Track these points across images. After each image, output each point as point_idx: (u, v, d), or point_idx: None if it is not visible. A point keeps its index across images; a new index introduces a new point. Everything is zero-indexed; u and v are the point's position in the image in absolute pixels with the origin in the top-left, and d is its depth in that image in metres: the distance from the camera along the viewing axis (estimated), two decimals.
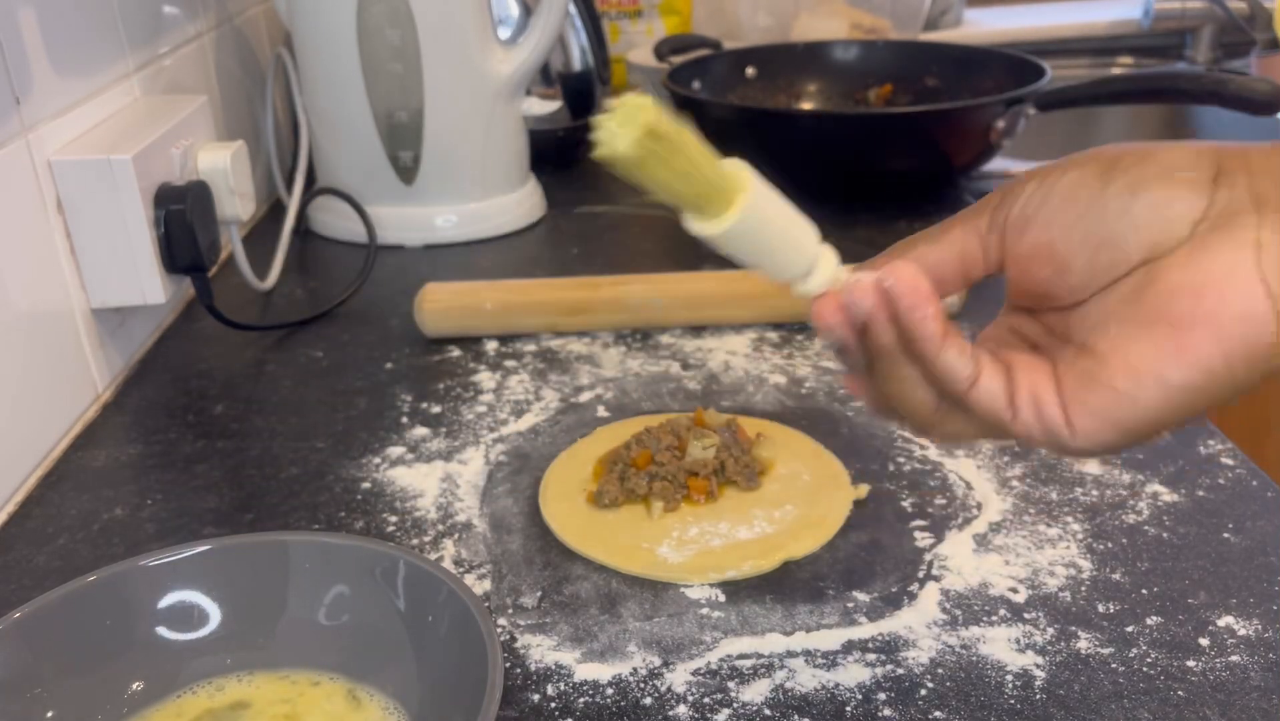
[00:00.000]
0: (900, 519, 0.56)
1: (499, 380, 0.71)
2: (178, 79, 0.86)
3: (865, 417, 0.65)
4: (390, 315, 0.82)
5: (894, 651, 0.47)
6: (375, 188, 0.94)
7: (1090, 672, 0.45)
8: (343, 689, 0.44)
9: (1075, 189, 0.37)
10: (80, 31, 0.70)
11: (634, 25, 1.50)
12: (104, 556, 0.55)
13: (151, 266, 0.69)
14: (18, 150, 0.62)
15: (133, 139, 0.68)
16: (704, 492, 0.57)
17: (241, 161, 0.79)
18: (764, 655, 0.47)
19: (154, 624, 0.44)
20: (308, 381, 0.72)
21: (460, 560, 0.54)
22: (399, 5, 0.88)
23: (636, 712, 0.44)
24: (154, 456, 0.64)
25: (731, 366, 0.72)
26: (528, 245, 0.96)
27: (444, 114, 0.92)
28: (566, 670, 0.46)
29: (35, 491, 0.61)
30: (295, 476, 0.61)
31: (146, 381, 0.73)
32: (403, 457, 0.63)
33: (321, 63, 0.93)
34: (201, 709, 0.43)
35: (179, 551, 0.45)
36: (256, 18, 1.08)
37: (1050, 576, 0.51)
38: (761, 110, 1.11)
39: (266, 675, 0.45)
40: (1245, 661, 0.45)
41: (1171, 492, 0.56)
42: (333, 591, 0.45)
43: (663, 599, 0.50)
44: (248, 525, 0.57)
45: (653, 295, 0.76)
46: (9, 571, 0.54)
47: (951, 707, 0.43)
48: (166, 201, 0.70)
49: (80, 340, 0.68)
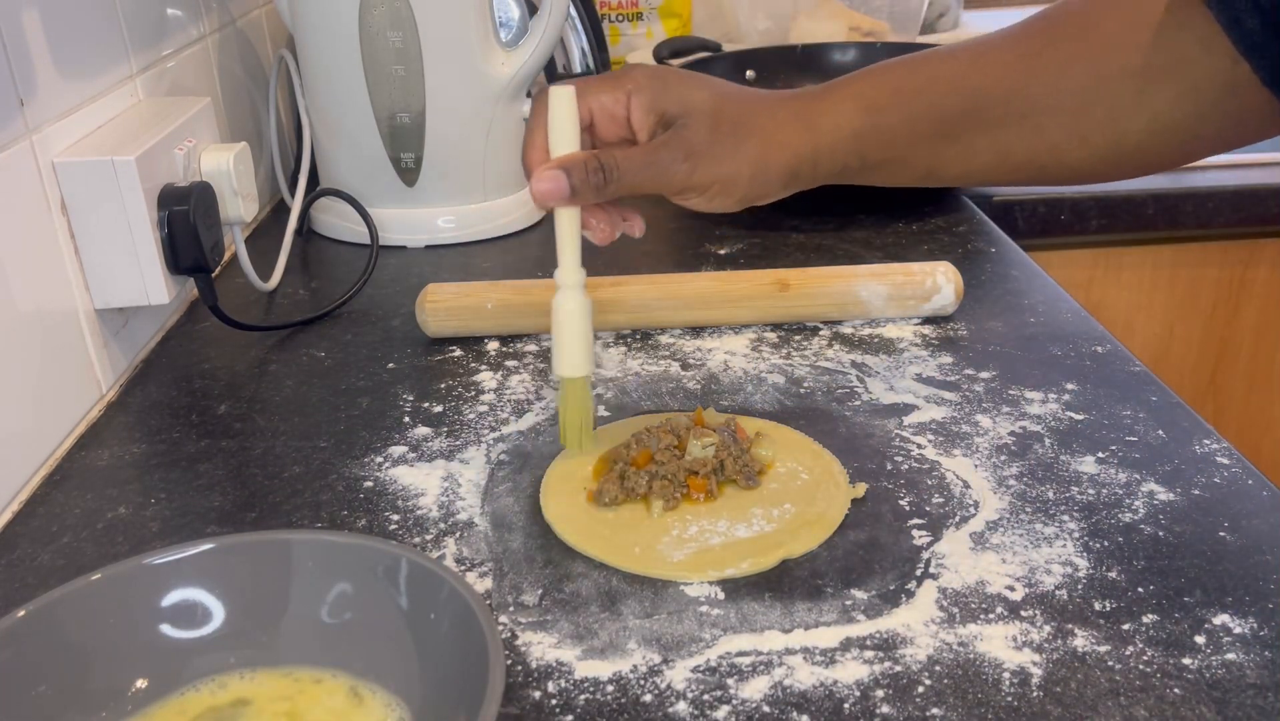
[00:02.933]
0: (898, 517, 0.56)
1: (500, 380, 0.72)
2: (181, 81, 0.86)
3: (864, 417, 0.65)
4: (392, 315, 0.82)
5: (892, 649, 0.47)
6: (377, 189, 0.95)
7: (1087, 670, 0.45)
8: (345, 686, 0.44)
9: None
10: (84, 34, 0.71)
11: (634, 28, 1.50)
12: (108, 555, 0.55)
13: (155, 267, 0.69)
14: (22, 152, 0.62)
15: (136, 140, 0.69)
16: (703, 491, 0.57)
17: (244, 163, 0.79)
18: (763, 652, 0.47)
19: (157, 622, 0.45)
20: (310, 381, 0.73)
21: (462, 558, 0.54)
22: (401, 8, 0.88)
23: (636, 709, 0.44)
24: (158, 456, 0.64)
25: (731, 366, 0.72)
26: (529, 246, 0.97)
27: (445, 116, 0.93)
28: (567, 667, 0.47)
29: (39, 490, 0.61)
30: (298, 475, 0.62)
31: (150, 381, 0.74)
32: (405, 457, 0.63)
33: (324, 65, 0.93)
34: (204, 706, 0.44)
35: (182, 550, 0.46)
36: (259, 20, 1.08)
37: (1047, 574, 0.51)
38: None
39: (269, 672, 0.45)
40: (1241, 659, 0.45)
41: (1167, 491, 0.57)
42: (335, 589, 0.46)
43: (662, 597, 0.51)
44: (251, 524, 0.57)
45: (653, 295, 0.76)
46: (13, 570, 0.54)
47: (949, 705, 0.44)
48: (170, 202, 0.70)
49: (84, 340, 0.68)
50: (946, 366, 0.71)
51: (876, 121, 0.62)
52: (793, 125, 0.62)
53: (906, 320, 0.77)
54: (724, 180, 0.60)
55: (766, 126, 0.61)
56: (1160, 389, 0.67)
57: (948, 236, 0.92)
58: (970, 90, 0.62)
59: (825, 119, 0.62)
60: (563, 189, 0.56)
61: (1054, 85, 0.61)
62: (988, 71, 0.62)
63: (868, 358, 0.73)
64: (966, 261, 0.85)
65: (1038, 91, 0.61)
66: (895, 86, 0.63)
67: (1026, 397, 0.66)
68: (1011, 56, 0.62)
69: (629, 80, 0.60)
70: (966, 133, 0.62)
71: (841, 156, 0.62)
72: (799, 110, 0.62)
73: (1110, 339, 0.73)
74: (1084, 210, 1.08)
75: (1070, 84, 0.61)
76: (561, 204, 0.57)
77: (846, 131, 0.62)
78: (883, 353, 0.73)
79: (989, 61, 0.63)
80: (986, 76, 0.62)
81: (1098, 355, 0.71)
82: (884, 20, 1.47)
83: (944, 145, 0.63)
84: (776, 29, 1.51)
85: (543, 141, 0.58)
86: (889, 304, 0.76)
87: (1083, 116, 0.61)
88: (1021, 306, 0.79)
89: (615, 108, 0.60)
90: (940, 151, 0.63)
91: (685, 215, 1.02)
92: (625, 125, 0.60)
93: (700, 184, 0.60)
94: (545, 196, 0.57)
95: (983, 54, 0.63)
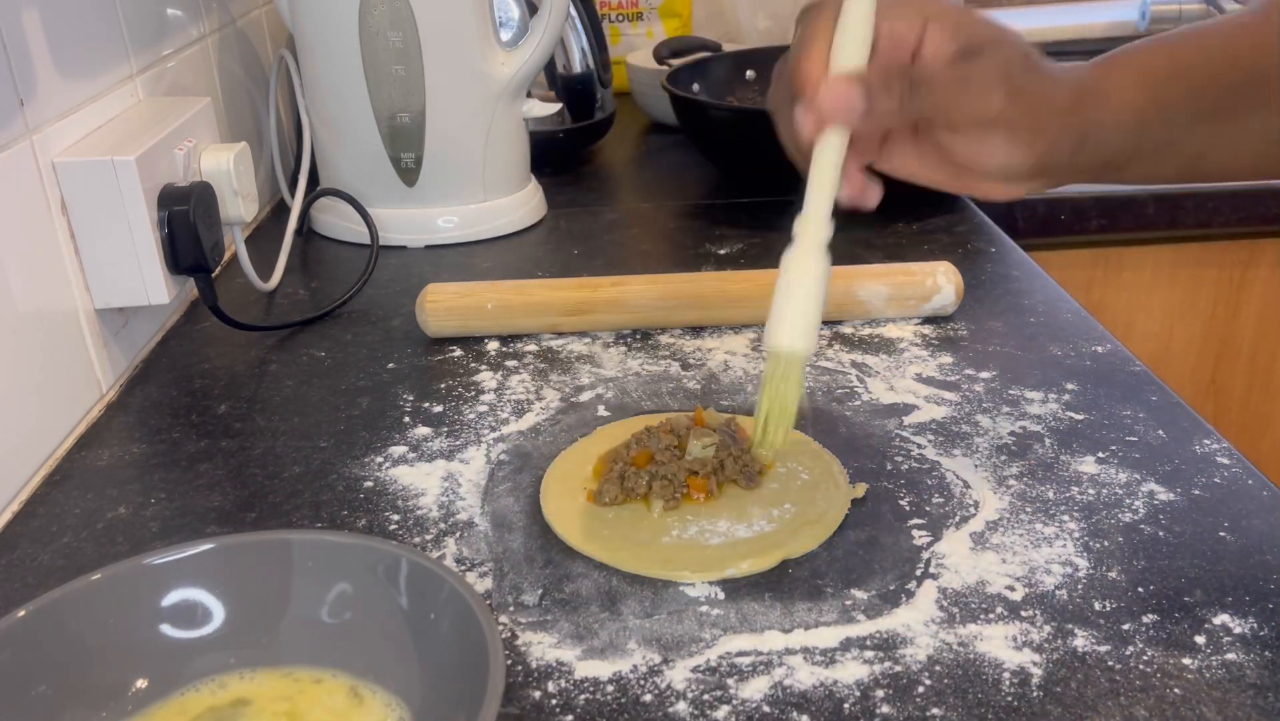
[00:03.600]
0: (898, 517, 0.56)
1: (500, 380, 0.72)
2: (181, 81, 0.86)
3: (864, 417, 0.65)
4: (392, 315, 0.82)
5: (892, 649, 0.47)
6: (377, 189, 0.95)
7: (1087, 670, 0.45)
8: (345, 686, 0.44)
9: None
10: (84, 34, 0.71)
11: (634, 28, 1.50)
12: (108, 555, 0.55)
13: (155, 267, 0.69)
14: (22, 152, 0.62)
15: (136, 140, 0.69)
16: (703, 491, 0.57)
17: (244, 163, 0.79)
18: (763, 652, 0.47)
19: (157, 622, 0.45)
20: (310, 381, 0.73)
21: (462, 558, 0.54)
22: (401, 7, 0.88)
23: (636, 709, 0.44)
24: (158, 455, 0.64)
25: (731, 366, 0.72)
26: (528, 246, 0.97)
27: (446, 116, 0.93)
28: (567, 667, 0.47)
29: (39, 490, 0.61)
30: (298, 475, 0.62)
31: (150, 381, 0.74)
32: (405, 457, 0.63)
33: (324, 65, 0.93)
34: (204, 706, 0.44)
35: (182, 550, 0.46)
36: (259, 20, 1.08)
37: (1047, 574, 0.51)
38: (761, 112, 1.11)
39: (269, 672, 0.45)
40: (1241, 659, 0.45)
41: (1168, 491, 0.57)
42: (335, 589, 0.46)
43: (662, 597, 0.51)
44: (251, 524, 0.57)
45: (653, 295, 0.76)
46: (13, 570, 0.54)
47: (949, 705, 0.44)
48: (170, 202, 0.70)
49: (84, 340, 0.68)
50: (947, 366, 0.71)
51: (1158, 96, 0.55)
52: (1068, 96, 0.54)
53: (907, 320, 0.77)
54: (1034, 122, 0.52)
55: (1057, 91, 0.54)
56: (1160, 389, 0.67)
57: (948, 236, 0.92)
58: (1248, 62, 0.55)
59: (1104, 98, 0.54)
60: (853, 102, 0.48)
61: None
62: (1262, 43, 0.55)
63: (868, 357, 0.73)
64: (966, 261, 0.85)
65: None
66: (1173, 54, 0.56)
67: (1026, 397, 0.66)
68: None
69: (928, 4, 0.52)
70: (1243, 112, 0.56)
71: (1115, 141, 0.55)
72: (1075, 82, 0.54)
73: (1110, 339, 0.73)
74: (1084, 210, 1.08)
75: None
76: (849, 120, 0.49)
77: (1128, 113, 0.54)
78: (883, 352, 0.73)
79: (1264, 32, 0.56)
80: (1260, 49, 0.55)
81: (1098, 355, 0.71)
82: None
83: (1219, 127, 0.56)
84: (777, 29, 1.51)
85: (822, 54, 0.50)
86: (889, 304, 0.76)
87: None
88: (1021, 306, 0.79)
89: (908, 33, 0.51)
90: (1214, 134, 0.56)
91: (685, 215, 1.02)
92: (910, 58, 0.52)
93: (1012, 119, 0.52)
94: (833, 108, 0.48)
95: (1257, 25, 0.57)
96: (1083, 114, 0.54)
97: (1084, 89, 0.54)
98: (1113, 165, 0.56)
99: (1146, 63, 0.56)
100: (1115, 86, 0.55)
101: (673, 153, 1.21)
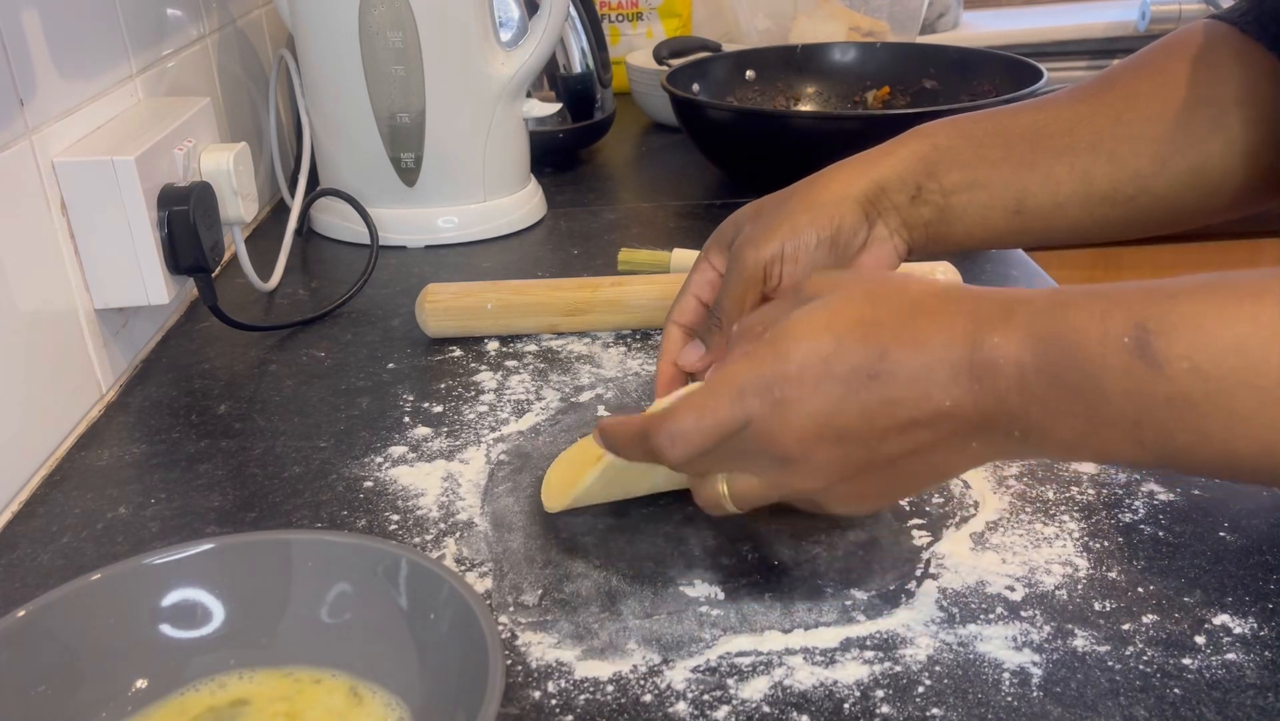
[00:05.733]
0: (898, 517, 0.56)
1: (500, 380, 0.72)
2: (181, 81, 0.86)
3: None
4: (392, 315, 0.82)
5: (892, 649, 0.47)
6: (377, 189, 0.95)
7: (1087, 670, 0.45)
8: (344, 686, 0.44)
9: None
10: (83, 34, 0.71)
11: (634, 28, 1.50)
12: (107, 555, 0.55)
13: (155, 267, 0.69)
14: (22, 152, 0.62)
15: (136, 140, 0.69)
16: None
17: (244, 163, 0.79)
18: (763, 652, 0.47)
19: (157, 622, 0.45)
20: (310, 381, 0.73)
21: (462, 558, 0.54)
22: (401, 7, 0.88)
23: (636, 709, 0.44)
24: (157, 456, 0.64)
25: None
26: (528, 246, 0.97)
27: (445, 116, 0.93)
28: (567, 667, 0.47)
29: (39, 490, 0.61)
30: (298, 475, 0.62)
31: (150, 381, 0.74)
32: (405, 457, 0.63)
33: (324, 65, 0.93)
34: (204, 706, 0.44)
35: (182, 550, 0.46)
36: (259, 20, 1.08)
37: (1047, 575, 0.51)
38: (760, 112, 1.11)
39: (269, 672, 0.45)
40: (1241, 659, 0.45)
41: (1167, 491, 0.57)
42: (335, 589, 0.46)
43: (662, 597, 0.51)
44: (251, 524, 0.57)
45: (653, 295, 0.76)
46: (13, 570, 0.54)
47: (949, 705, 0.44)
48: (170, 202, 0.70)
49: (84, 340, 0.68)
50: None
51: (940, 144, 0.60)
52: (848, 169, 0.60)
53: None
54: (781, 229, 0.57)
55: (817, 180, 0.60)
56: None
57: None
58: (1030, 121, 0.60)
59: (885, 157, 0.60)
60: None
61: (1119, 116, 0.60)
62: (1046, 109, 0.61)
63: None
64: (966, 261, 0.85)
65: (1103, 122, 0.60)
66: (954, 123, 0.61)
67: None
68: (1070, 99, 0.61)
69: (712, 257, 0.62)
70: (1040, 159, 0.60)
71: (911, 178, 0.59)
72: (856, 160, 0.60)
73: None
74: None
75: (1137, 113, 0.59)
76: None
77: (909, 159, 0.59)
78: None
79: (1047, 103, 0.61)
80: (1044, 113, 0.61)
81: None
82: (884, 20, 1.47)
83: (1022, 171, 0.60)
84: (776, 29, 1.51)
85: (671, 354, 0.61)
86: None
87: (1158, 142, 0.59)
88: None
89: (714, 279, 0.61)
90: (1021, 177, 0.60)
91: (685, 215, 1.02)
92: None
93: (760, 238, 0.57)
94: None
95: (1043, 102, 0.62)
96: (868, 169, 0.59)
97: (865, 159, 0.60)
98: (928, 197, 0.60)
99: (924, 130, 0.61)
100: (892, 150, 0.60)
101: (673, 153, 1.21)
